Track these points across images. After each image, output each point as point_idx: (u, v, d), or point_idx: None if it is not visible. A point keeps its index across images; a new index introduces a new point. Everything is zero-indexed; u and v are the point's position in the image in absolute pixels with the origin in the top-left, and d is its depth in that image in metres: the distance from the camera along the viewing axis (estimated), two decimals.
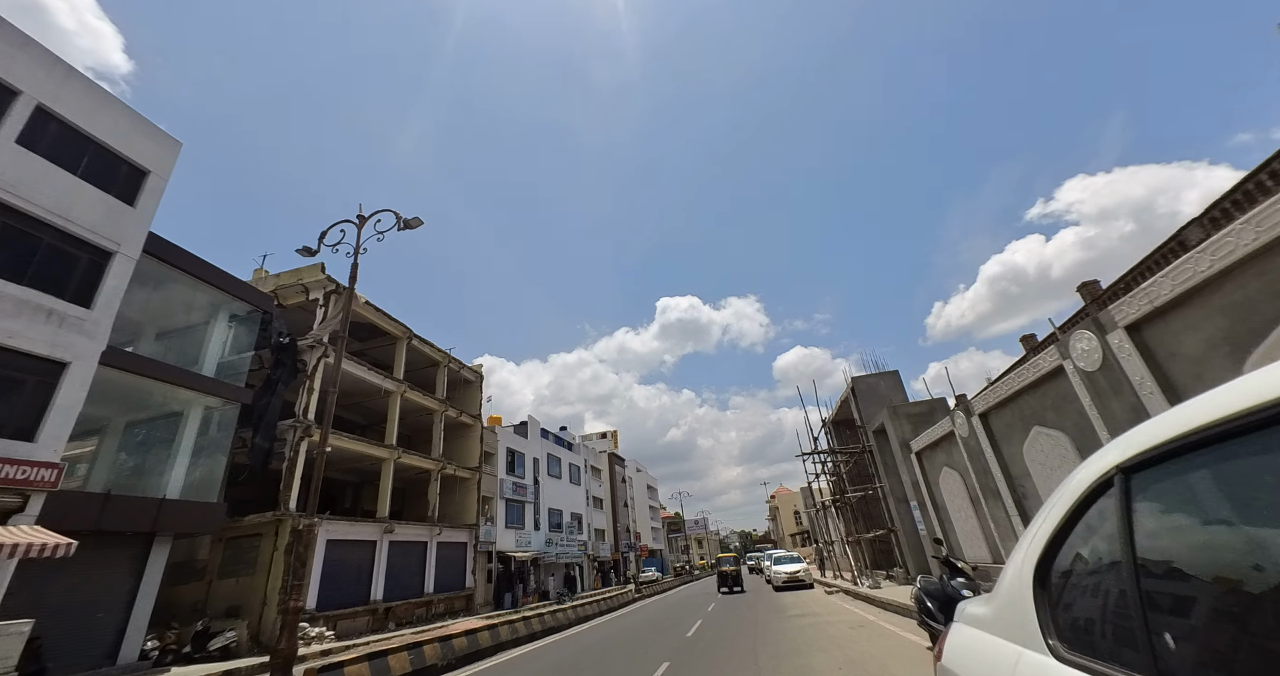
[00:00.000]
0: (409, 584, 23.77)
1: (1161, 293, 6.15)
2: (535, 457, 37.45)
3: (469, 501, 29.34)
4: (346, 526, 20.62)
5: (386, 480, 23.39)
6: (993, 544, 11.77)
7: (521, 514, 34.39)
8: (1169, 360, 6.43)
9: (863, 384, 19.63)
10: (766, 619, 14.57)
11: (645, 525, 63.54)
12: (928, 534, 15.20)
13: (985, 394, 10.67)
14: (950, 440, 12.94)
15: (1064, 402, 8.52)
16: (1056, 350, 8.19)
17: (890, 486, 17.55)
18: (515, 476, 34.34)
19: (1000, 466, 10.58)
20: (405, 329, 25.94)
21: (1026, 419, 9.58)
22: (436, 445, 27.38)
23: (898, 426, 15.97)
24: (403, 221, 9.41)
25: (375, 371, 23.58)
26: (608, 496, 51.50)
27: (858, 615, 13.10)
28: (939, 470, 14.07)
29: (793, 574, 23.91)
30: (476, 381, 32.29)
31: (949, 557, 7.75)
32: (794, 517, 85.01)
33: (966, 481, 12.51)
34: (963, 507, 13.02)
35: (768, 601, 19.66)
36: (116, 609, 13.28)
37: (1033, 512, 10.02)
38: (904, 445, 15.78)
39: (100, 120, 13.48)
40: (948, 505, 13.93)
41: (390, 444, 23.76)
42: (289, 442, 18.93)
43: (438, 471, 26.67)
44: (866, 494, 19.49)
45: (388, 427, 24.39)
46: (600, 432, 57.12)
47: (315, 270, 21.43)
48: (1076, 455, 8.45)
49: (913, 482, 15.48)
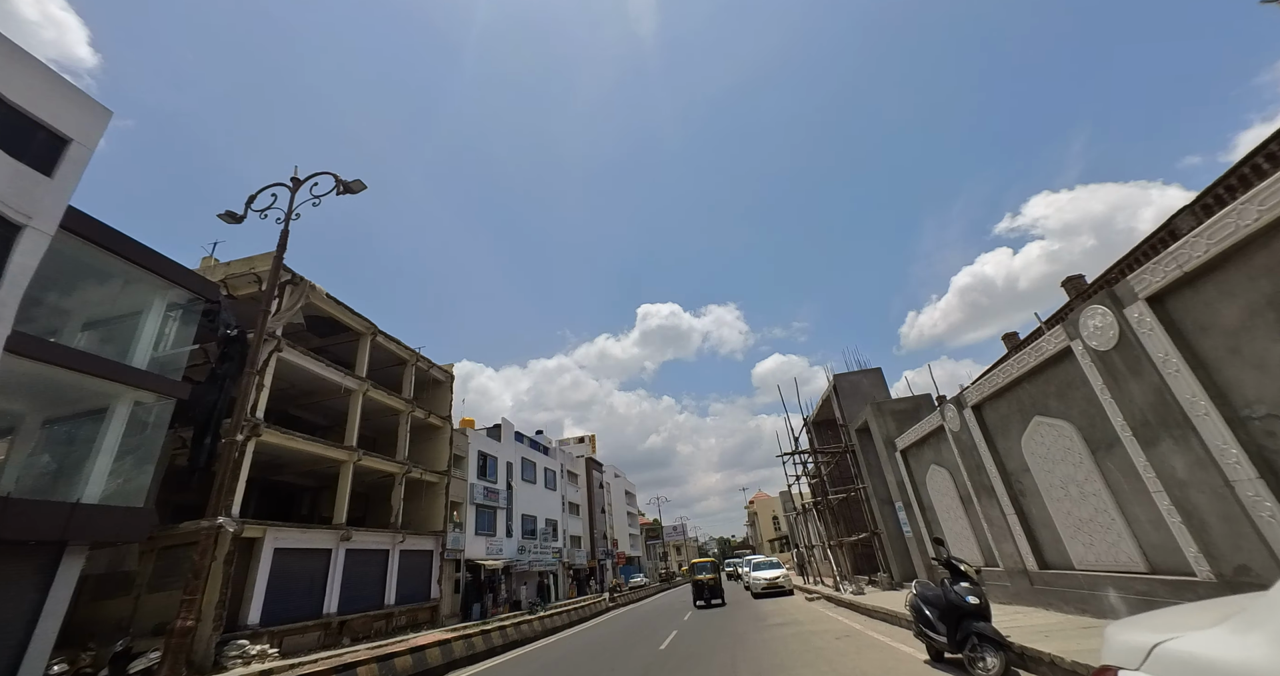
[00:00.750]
0: (368, 595, 22.16)
1: (1194, 255, 5.39)
2: (509, 462, 35.98)
3: (436, 507, 27.80)
4: (297, 534, 19.02)
5: (344, 484, 21.82)
6: (985, 545, 10.99)
7: (493, 520, 32.88)
8: (1199, 334, 5.67)
9: (844, 381, 18.92)
10: (746, 628, 13.57)
11: (623, 531, 62.14)
12: (913, 535, 14.41)
13: (979, 384, 9.91)
14: (939, 435, 12.18)
15: (1069, 388, 7.76)
16: (1063, 330, 7.43)
17: (873, 487, 16.79)
18: (487, 481, 32.86)
19: (995, 461, 9.81)
20: (369, 324, 24.47)
21: (1025, 409, 8.82)
22: (402, 447, 25.87)
23: (882, 423, 15.22)
24: (342, 185, 8.27)
25: (335, 368, 22.08)
26: (584, 502, 50.08)
27: (842, 623, 12.18)
28: (926, 468, 13.31)
29: (772, 580, 22.99)
30: (447, 381, 30.83)
31: (951, 559, 6.86)
32: (772, 523, 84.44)
33: (956, 479, 11.74)
34: (952, 507, 12.25)
35: (747, 609, 18.67)
36: (15, 628, 11.62)
37: (1032, 509, 9.23)
38: (888, 443, 15.02)
39: (12, 79, 12.02)
40: (935, 505, 13.16)
41: (350, 445, 22.23)
42: (235, 443, 17.32)
43: (402, 475, 25.15)
44: (848, 496, 18.71)
45: (348, 428, 22.85)
46: (578, 437, 55.66)
47: (268, 258, 19.91)
48: (1083, 445, 7.68)
49: (897, 482, 14.70)
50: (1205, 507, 5.81)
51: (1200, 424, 5.66)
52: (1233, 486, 5.44)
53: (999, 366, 9.25)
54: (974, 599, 6.35)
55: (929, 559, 13.94)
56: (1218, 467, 5.56)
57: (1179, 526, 6.19)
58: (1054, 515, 8.62)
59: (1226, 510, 5.55)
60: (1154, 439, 6.30)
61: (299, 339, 24.50)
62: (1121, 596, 7.29)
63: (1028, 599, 9.47)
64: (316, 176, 8.24)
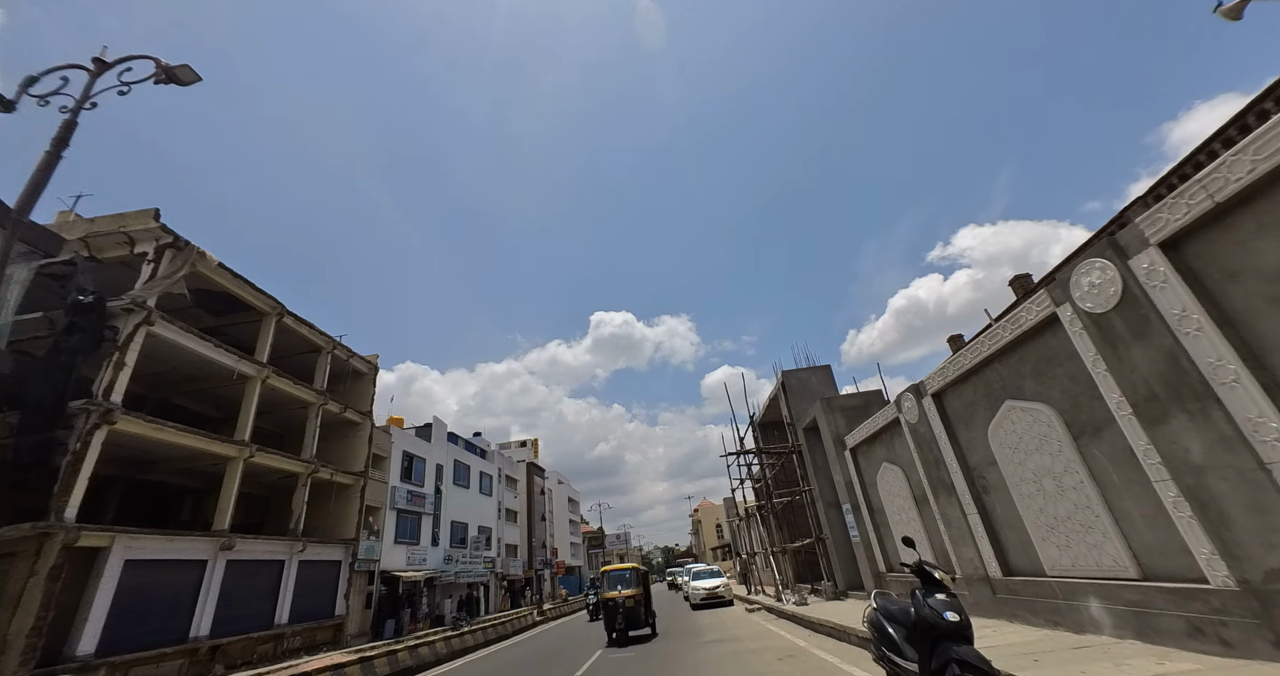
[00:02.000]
0: (253, 613, 19.02)
1: (1232, 178, 4.28)
2: (439, 464, 33.08)
3: (349, 512, 24.75)
4: (160, 543, 15.88)
5: (231, 484, 18.73)
6: (941, 550, 9.88)
7: (417, 527, 29.91)
8: (1227, 282, 4.58)
9: (793, 379, 17.85)
10: (678, 646, 11.93)
11: (564, 540, 59.42)
12: (861, 540, 13.28)
13: (942, 369, 8.82)
14: (893, 430, 11.09)
15: (1049, 365, 6.67)
16: (1048, 295, 6.32)
17: (820, 489, 15.66)
18: (412, 484, 29.90)
19: (956, 455, 8.70)
20: (273, 303, 21.49)
21: (995, 393, 7.72)
22: (309, 444, 22.82)
23: (831, 420, 14.13)
24: (166, 72, 6.19)
25: (226, 350, 19.02)
26: (524, 509, 47.28)
27: (785, 640, 10.76)
28: (877, 467, 12.22)
29: (712, 590, 21.55)
30: (370, 373, 27.84)
31: (924, 564, 5.51)
32: (716, 531, 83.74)
33: (910, 477, 10.65)
34: (904, 508, 11.15)
35: (683, 621, 17.05)
36: None
37: (997, 508, 8.13)
38: (838, 441, 13.93)
39: None
40: (886, 506, 12.07)
41: (240, 439, 19.16)
42: (77, 431, 14.18)
43: (307, 475, 22.12)
44: (793, 499, 17.57)
45: (239, 419, 19.75)
46: (520, 441, 52.75)
47: (145, 216, 16.87)
48: (1064, 430, 6.57)
49: (846, 482, 13.58)
50: (1227, 497, 4.70)
51: (1227, 394, 4.54)
52: (1269, 469, 4.33)
53: (965, 348, 8.15)
54: (953, 615, 4.98)
55: (876, 567, 12.82)
56: (1249, 447, 4.44)
57: (1188, 522, 5.07)
58: (1023, 514, 7.52)
59: (1259, 499, 4.44)
60: (1161, 416, 5.19)
61: (189, 317, 21.20)
62: (1106, 607, 6.16)
63: (989, 610, 8.35)
64: (131, 60, 6.11)
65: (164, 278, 16.72)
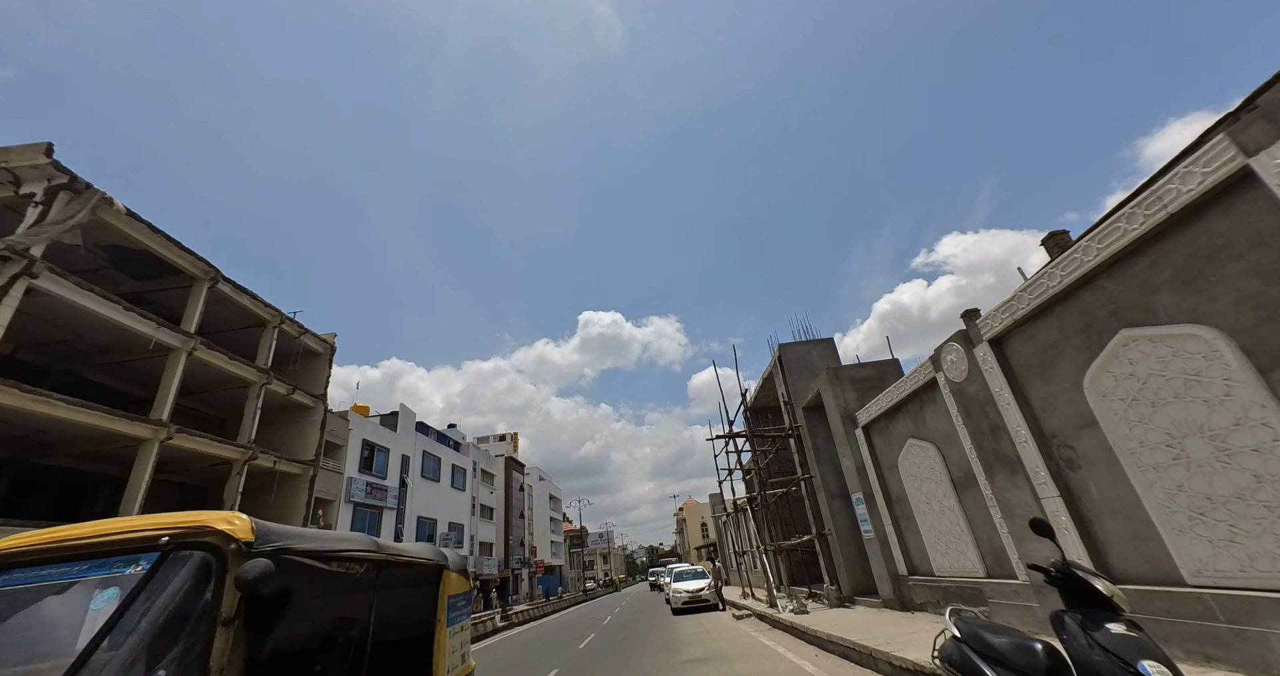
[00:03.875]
0: None
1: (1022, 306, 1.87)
2: (405, 455, 30.23)
3: (295, 505, 21.90)
4: None
5: (142, 471, 15.87)
6: (991, 548, 7.48)
7: (377, 522, 27.05)
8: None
9: (791, 353, 15.44)
10: (651, 666, 9.40)
11: (544, 539, 56.55)
12: (875, 535, 10.82)
13: (1008, 304, 6.39)
14: (925, 397, 8.69)
15: (1215, 262, 4.27)
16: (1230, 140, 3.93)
17: (822, 477, 13.23)
18: (373, 476, 27.05)
19: (1026, 418, 6.30)
20: (205, 266, 18.66)
21: (1102, 324, 5.32)
22: (247, 428, 19.95)
23: (839, 394, 11.73)
24: None
25: (141, 315, 16.17)
26: (500, 505, 44.44)
27: (787, 661, 8.27)
28: (899, 446, 9.81)
29: (695, 592, 19.02)
30: (325, 353, 24.99)
31: (1072, 567, 3.08)
32: (701, 530, 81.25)
33: (948, 454, 8.25)
34: (936, 495, 8.75)
35: (661, 631, 14.47)
36: None
37: (1090, 488, 5.70)
38: (847, 418, 11.52)
39: None
40: (910, 494, 9.66)
41: (157, 418, 16.31)
42: None
43: (243, 462, 19.26)
44: (789, 491, 15.15)
45: (158, 396, 16.90)
46: (499, 435, 49.78)
47: (33, 151, 14.02)
48: (1249, 371, 4.16)
49: (857, 467, 11.14)
50: None
51: None
52: None
53: (1054, 262, 5.71)
54: (1155, 668, 2.56)
55: (894, 570, 10.36)
56: None
57: None
58: (1143, 494, 5.12)
59: None
60: None
61: (107, 281, 18.32)
62: None
63: None
64: None
65: (54, 224, 13.88)
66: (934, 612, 8.86)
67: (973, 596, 7.66)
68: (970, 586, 7.90)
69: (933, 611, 8.96)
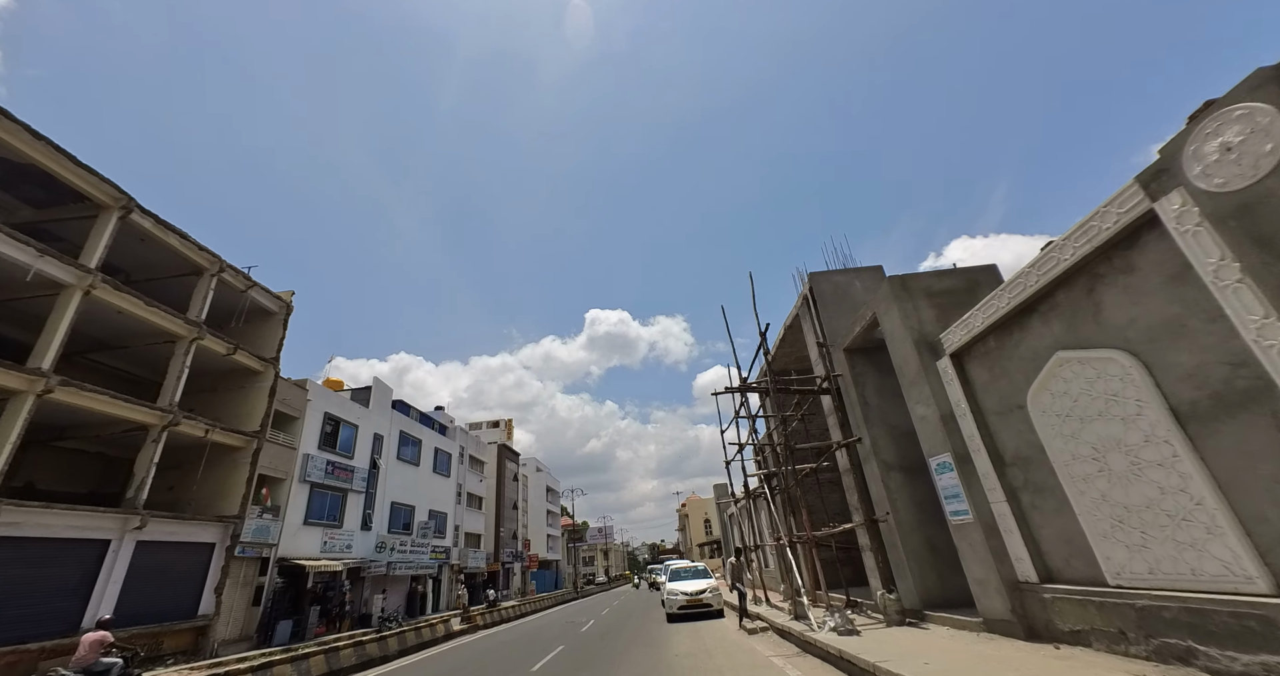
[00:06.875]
0: (42, 613, 12.75)
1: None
2: (378, 434, 26.78)
3: (234, 481, 18.44)
4: None
5: (8, 430, 12.45)
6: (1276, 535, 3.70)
7: (339, 506, 23.57)
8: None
9: (826, 284, 11.31)
10: None
11: (540, 532, 52.93)
12: (974, 520, 6.98)
13: None
14: (1107, 266, 4.86)
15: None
16: None
17: (872, 443, 9.35)
18: (337, 454, 23.59)
19: None
20: (115, 192, 15.26)
21: None
22: (170, 389, 16.53)
23: (910, 315, 7.88)
24: None
25: (15, 239, 12.77)
26: (491, 495, 40.88)
27: None
28: (1030, 372, 5.95)
29: (695, 595, 15.23)
30: (280, 314, 21.56)
31: None
32: (704, 526, 77.29)
33: (1159, 366, 4.49)
34: (1124, 445, 4.95)
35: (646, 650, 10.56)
36: None
37: None
38: (924, 346, 7.66)
39: None
40: (1051, 450, 5.84)
41: (35, 368, 12.91)
42: None
43: (162, 428, 15.84)
44: (819, 466, 11.30)
45: (40, 340, 13.51)
46: (492, 421, 46.17)
47: None
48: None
49: (943, 416, 7.22)
50: None
51: None
52: None
53: None
54: None
55: (1009, 573, 6.45)
56: None
57: None
58: None
59: None
60: None
61: None
62: None
63: None
64: None
65: None
66: (1103, 648, 5.07)
67: (1229, 629, 3.90)
68: (1225, 610, 4.10)
69: (1102, 646, 5.15)
